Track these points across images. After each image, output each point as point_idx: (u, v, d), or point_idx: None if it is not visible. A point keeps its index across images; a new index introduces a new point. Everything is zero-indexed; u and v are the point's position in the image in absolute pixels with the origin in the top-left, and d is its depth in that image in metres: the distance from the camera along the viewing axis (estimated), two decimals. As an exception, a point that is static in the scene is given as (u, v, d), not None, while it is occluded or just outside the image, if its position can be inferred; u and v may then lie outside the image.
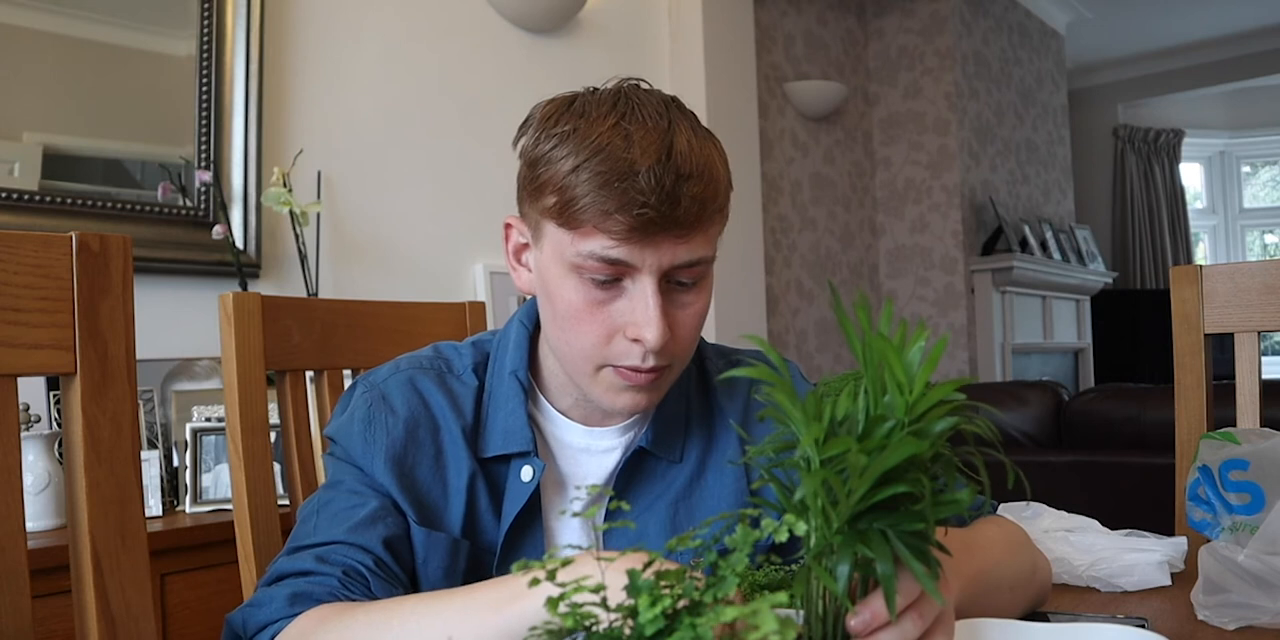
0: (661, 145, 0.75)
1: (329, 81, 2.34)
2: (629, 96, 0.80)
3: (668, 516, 0.88)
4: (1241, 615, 0.82)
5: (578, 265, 0.77)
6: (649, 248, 0.76)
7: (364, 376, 0.89)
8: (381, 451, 0.82)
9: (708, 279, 0.83)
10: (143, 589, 0.80)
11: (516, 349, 0.88)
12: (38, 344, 0.76)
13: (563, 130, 0.78)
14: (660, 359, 0.80)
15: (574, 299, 0.79)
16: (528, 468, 0.84)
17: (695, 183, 0.76)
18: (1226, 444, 1.06)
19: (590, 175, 0.74)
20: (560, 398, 0.89)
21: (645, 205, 0.73)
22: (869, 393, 0.49)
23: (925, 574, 0.46)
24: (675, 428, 0.90)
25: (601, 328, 0.79)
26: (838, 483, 0.45)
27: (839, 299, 0.50)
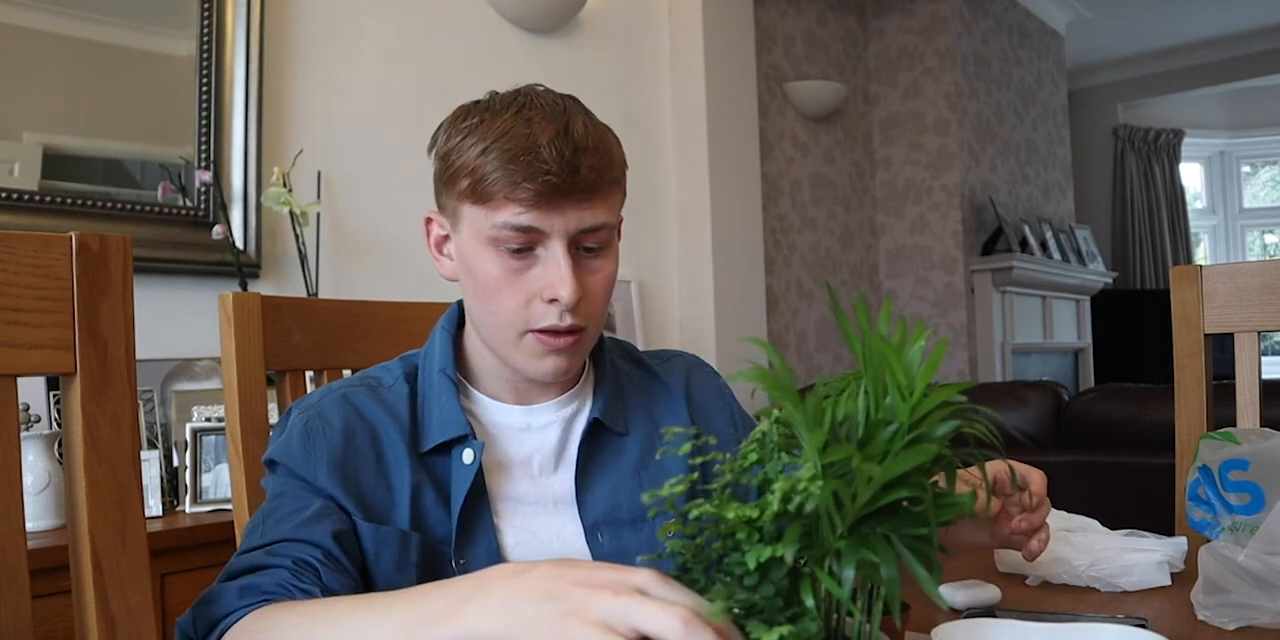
0: (559, 124, 0.84)
1: (329, 81, 2.34)
2: (528, 94, 0.89)
3: (634, 487, 0.94)
4: (1241, 615, 0.82)
5: (493, 237, 0.85)
6: (555, 213, 0.84)
7: (297, 403, 0.92)
8: (322, 459, 0.86)
9: (613, 246, 0.90)
10: (143, 589, 0.80)
11: (442, 350, 0.94)
12: (38, 344, 0.76)
13: (469, 124, 0.86)
14: (576, 318, 0.86)
15: (493, 271, 0.86)
16: (468, 451, 0.88)
17: (591, 155, 0.84)
18: (1226, 444, 1.06)
19: (498, 153, 0.83)
20: (491, 383, 0.94)
21: (549, 173, 0.82)
22: (869, 394, 0.49)
23: (928, 579, 0.45)
24: (617, 401, 0.97)
25: (520, 294, 0.86)
26: (843, 488, 0.45)
27: (836, 299, 0.50)
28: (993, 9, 4.94)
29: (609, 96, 3.07)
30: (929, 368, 0.47)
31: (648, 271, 3.15)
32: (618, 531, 0.92)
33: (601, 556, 0.90)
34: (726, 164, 3.24)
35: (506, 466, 0.92)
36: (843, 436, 0.49)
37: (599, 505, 0.93)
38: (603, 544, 0.91)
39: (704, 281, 3.18)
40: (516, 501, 0.91)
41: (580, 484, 0.93)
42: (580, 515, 0.92)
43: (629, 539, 0.92)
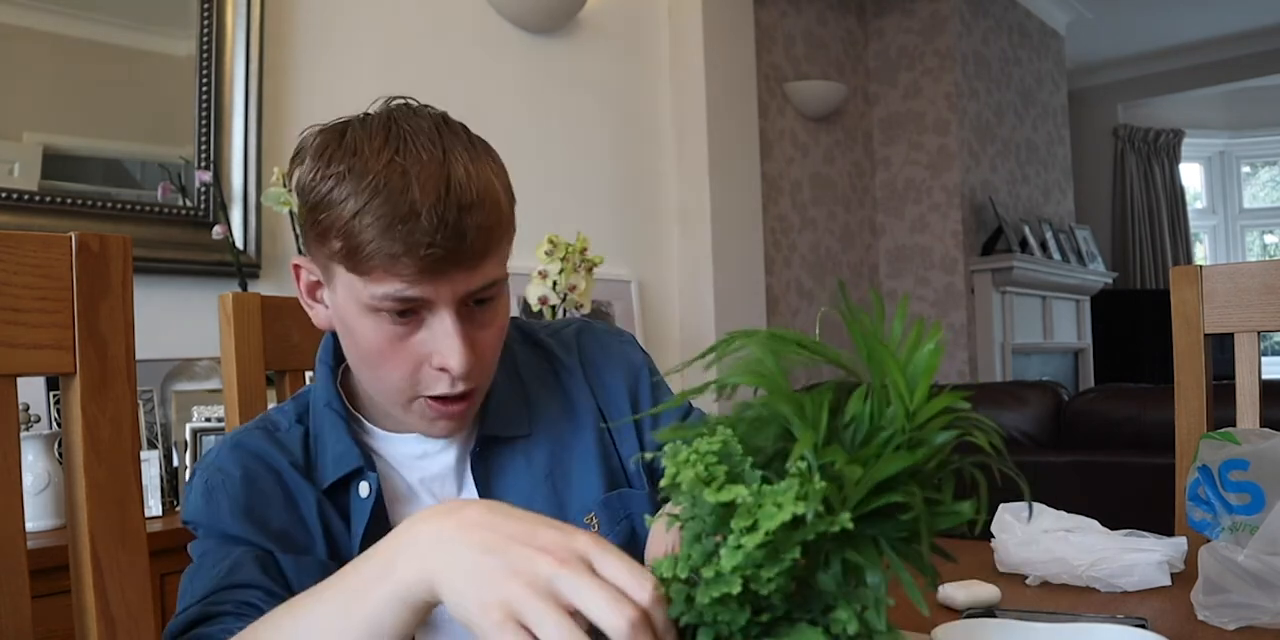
0: (439, 178, 0.75)
1: (329, 81, 2.34)
2: (399, 124, 0.78)
3: (548, 491, 0.90)
4: (1241, 615, 0.82)
5: (373, 306, 0.78)
6: (442, 282, 0.77)
7: (198, 463, 0.89)
8: (226, 509, 0.82)
9: (504, 294, 0.84)
10: (143, 589, 0.80)
11: (324, 386, 0.89)
12: (38, 344, 0.76)
13: (338, 171, 0.76)
14: (469, 382, 0.81)
15: (374, 337, 0.80)
16: (364, 484, 0.85)
17: (478, 212, 0.76)
18: (1226, 444, 1.06)
19: (373, 220, 0.74)
20: (384, 416, 0.90)
21: (432, 245, 0.74)
22: (873, 396, 0.49)
23: (911, 584, 0.45)
24: (512, 405, 0.92)
25: (407, 362, 0.80)
26: (832, 491, 0.45)
27: (847, 298, 0.49)
28: (993, 9, 4.94)
29: (609, 96, 3.07)
30: (927, 373, 0.47)
31: (648, 271, 3.15)
32: None
33: None
34: (726, 164, 3.25)
35: (409, 496, 0.90)
36: (847, 439, 0.49)
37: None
38: None
39: (704, 281, 3.18)
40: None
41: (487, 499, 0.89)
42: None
43: None
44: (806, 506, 0.43)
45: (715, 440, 0.47)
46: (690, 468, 0.46)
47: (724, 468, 0.46)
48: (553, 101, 2.89)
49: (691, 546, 0.46)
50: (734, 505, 0.45)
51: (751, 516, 0.43)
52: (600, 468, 0.92)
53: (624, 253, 3.04)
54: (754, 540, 0.43)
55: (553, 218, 2.74)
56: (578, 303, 2.34)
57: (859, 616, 0.45)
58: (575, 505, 0.90)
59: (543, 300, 2.30)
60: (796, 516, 0.43)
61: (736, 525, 0.44)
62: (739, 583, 0.43)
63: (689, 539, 0.47)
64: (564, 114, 2.92)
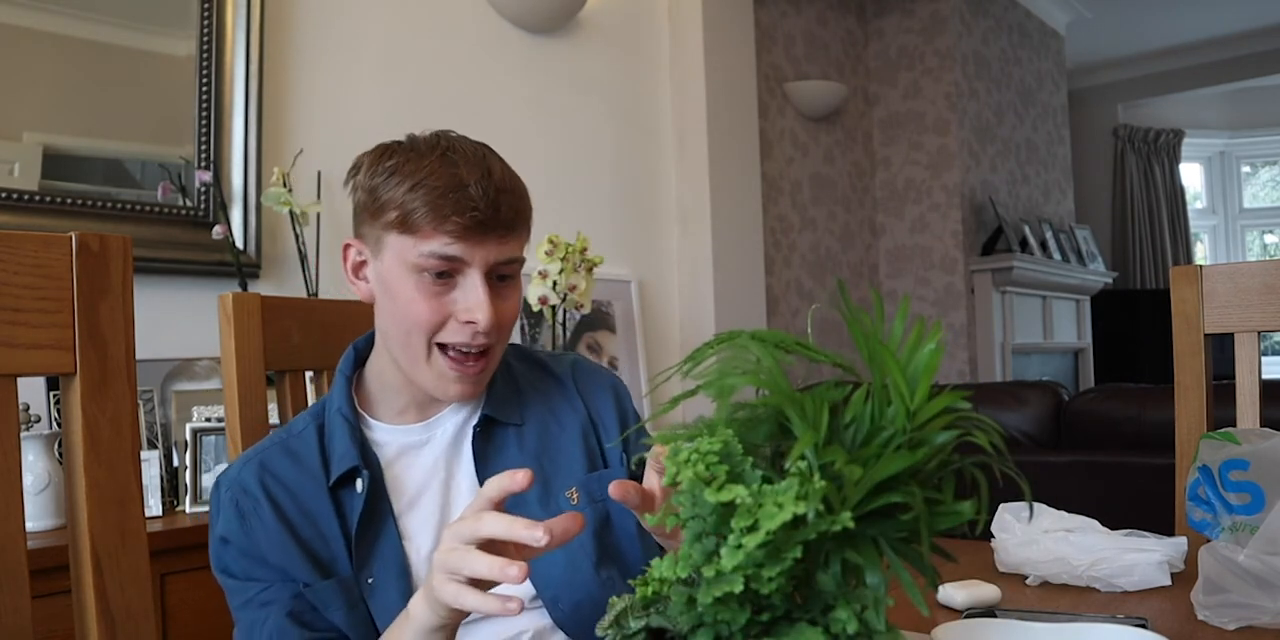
0: (481, 167, 0.93)
1: (329, 81, 2.34)
2: (446, 138, 0.97)
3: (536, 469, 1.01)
4: (1241, 615, 0.82)
5: (419, 264, 0.93)
6: (478, 246, 0.93)
7: (222, 474, 0.99)
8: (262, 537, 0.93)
9: (519, 279, 1.00)
10: (143, 589, 0.80)
11: (340, 393, 1.01)
12: (38, 344, 0.76)
13: (394, 164, 0.94)
14: (488, 338, 0.95)
15: (414, 294, 0.94)
16: (359, 481, 0.96)
17: (511, 196, 0.95)
18: (1226, 444, 1.06)
19: (426, 190, 0.91)
20: (389, 409, 1.03)
21: (475, 209, 0.91)
22: (874, 397, 0.49)
23: (911, 584, 0.45)
24: (508, 399, 1.05)
25: (438, 314, 0.94)
26: (832, 490, 0.45)
27: (847, 298, 0.49)
28: (993, 9, 4.94)
29: (609, 96, 3.07)
30: (927, 373, 0.47)
31: (648, 271, 3.15)
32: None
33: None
34: (726, 164, 3.25)
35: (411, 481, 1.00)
36: (847, 440, 0.49)
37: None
38: None
39: (704, 281, 3.18)
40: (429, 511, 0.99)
41: (481, 477, 1.00)
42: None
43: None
44: (807, 506, 0.43)
45: (716, 440, 0.47)
46: (691, 467, 0.46)
47: (725, 467, 0.46)
48: (553, 101, 2.89)
49: (692, 546, 0.46)
50: (734, 505, 0.45)
51: (752, 516, 0.43)
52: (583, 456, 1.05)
53: (624, 253, 3.04)
54: (755, 540, 0.42)
55: (553, 218, 2.74)
56: (578, 303, 2.34)
57: (858, 616, 0.45)
58: (558, 483, 1.02)
59: (543, 300, 2.30)
60: (797, 516, 0.43)
61: (737, 525, 0.44)
62: (741, 582, 0.43)
63: (689, 539, 0.47)
64: (564, 114, 2.92)
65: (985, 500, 0.52)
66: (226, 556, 0.94)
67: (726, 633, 0.46)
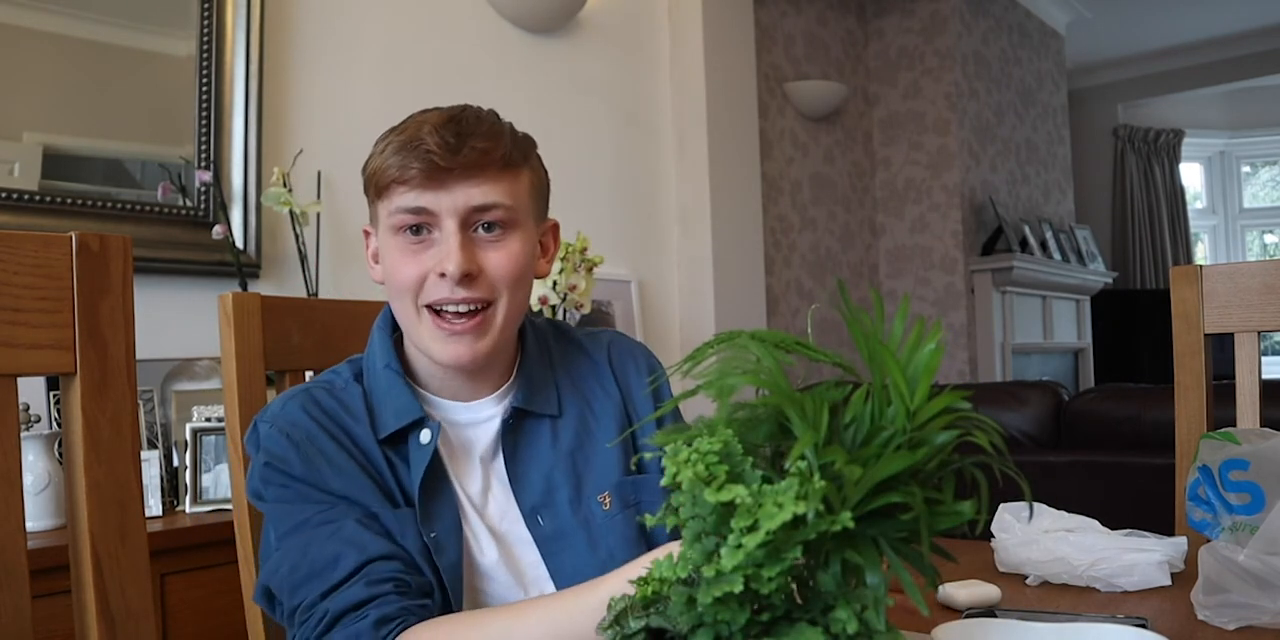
0: (450, 114, 0.90)
1: (329, 81, 2.34)
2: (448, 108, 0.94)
3: (569, 467, 0.97)
4: (1241, 615, 0.82)
5: (393, 225, 0.91)
6: (442, 192, 0.89)
7: (259, 416, 0.94)
8: (323, 462, 0.89)
9: (519, 231, 0.93)
10: (143, 589, 0.80)
11: (382, 348, 0.97)
12: (38, 344, 0.76)
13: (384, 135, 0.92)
14: (469, 290, 0.90)
15: (395, 255, 0.91)
16: (425, 431, 0.92)
17: (478, 138, 0.89)
18: (1226, 444, 1.06)
19: (391, 146, 0.89)
20: (432, 383, 0.98)
21: (430, 152, 0.87)
22: (874, 397, 0.49)
23: (911, 584, 0.45)
24: (544, 385, 1.00)
25: (416, 269, 0.90)
26: (832, 491, 0.45)
27: (847, 298, 0.49)
28: (993, 9, 4.94)
29: (609, 96, 3.07)
30: (927, 373, 0.47)
31: (648, 271, 3.15)
32: (557, 512, 0.96)
33: (542, 538, 0.95)
34: (726, 164, 3.24)
35: (457, 457, 0.97)
36: (848, 440, 0.49)
37: (534, 489, 0.96)
38: (543, 527, 0.95)
39: (704, 281, 3.18)
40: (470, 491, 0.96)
41: (511, 471, 0.96)
42: (517, 500, 0.96)
43: (568, 519, 0.96)
44: (807, 506, 0.43)
45: (716, 440, 0.47)
46: (690, 467, 0.46)
47: (725, 467, 0.46)
48: (553, 101, 2.89)
49: (691, 546, 0.46)
50: (734, 505, 0.45)
51: (752, 516, 0.43)
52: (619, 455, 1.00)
53: (624, 253, 3.04)
54: (754, 540, 0.42)
55: (553, 217, 2.74)
56: (578, 303, 2.34)
57: (858, 616, 0.45)
58: (591, 485, 0.98)
59: (543, 300, 2.30)
60: (797, 516, 0.43)
61: (737, 525, 0.44)
62: (740, 582, 0.43)
63: (689, 538, 0.47)
64: (564, 114, 2.92)
65: (985, 500, 0.52)
66: (274, 480, 0.88)
67: (726, 633, 0.46)
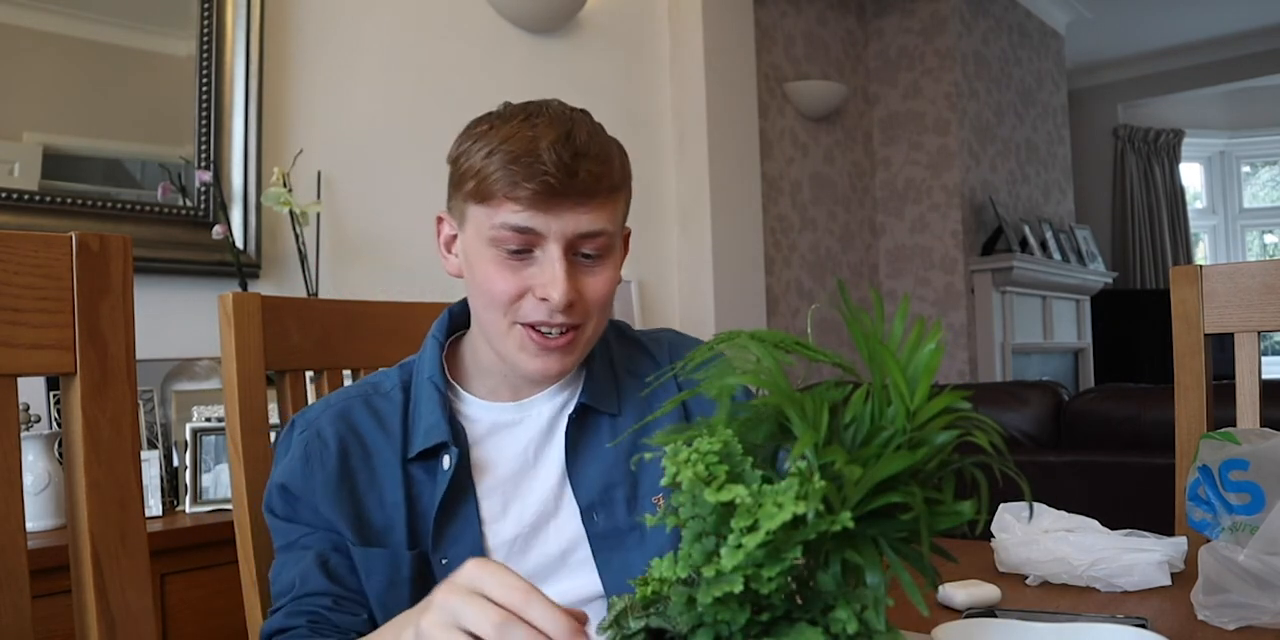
0: (562, 131, 0.87)
1: (329, 81, 2.34)
2: (540, 104, 0.91)
3: (626, 468, 0.96)
4: (1241, 615, 0.82)
5: (494, 237, 0.88)
6: (552, 215, 0.87)
7: (300, 414, 0.97)
8: (321, 483, 0.91)
9: (614, 255, 0.93)
10: (143, 589, 0.80)
11: (431, 359, 0.97)
12: (38, 344, 0.76)
13: (479, 131, 0.90)
14: (569, 316, 0.89)
15: (491, 267, 0.89)
16: (446, 458, 0.92)
17: (591, 161, 0.87)
18: (1226, 444, 1.06)
19: (501, 155, 0.86)
20: (488, 382, 0.98)
21: (546, 174, 0.84)
22: (874, 397, 0.49)
23: (911, 584, 0.45)
24: (606, 385, 0.99)
25: (514, 288, 0.89)
26: (832, 491, 0.45)
27: (847, 298, 0.49)
28: (993, 9, 4.94)
29: (609, 96, 3.07)
30: (927, 373, 0.47)
31: (648, 271, 3.15)
32: (612, 511, 0.95)
33: (597, 536, 0.94)
34: (726, 164, 3.24)
35: (499, 463, 0.96)
36: (848, 440, 0.49)
37: (593, 486, 0.95)
38: (598, 523, 0.94)
39: (704, 281, 3.18)
40: (511, 496, 0.95)
41: (571, 467, 0.95)
42: (575, 497, 0.95)
43: (623, 519, 0.95)
44: (806, 506, 0.43)
45: (716, 440, 0.47)
46: (690, 467, 0.46)
47: (725, 467, 0.46)
48: (553, 101, 2.89)
49: (692, 546, 0.46)
50: (734, 505, 0.45)
51: (752, 516, 0.43)
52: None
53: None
54: (754, 540, 0.43)
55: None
56: (578, 303, 2.34)
57: (858, 616, 0.45)
58: (646, 486, 0.97)
59: (543, 300, 2.30)
60: (797, 516, 0.43)
61: (737, 525, 0.44)
62: (740, 582, 0.43)
63: (689, 538, 0.47)
64: (564, 114, 2.92)
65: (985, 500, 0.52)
66: (279, 499, 0.92)
67: (726, 633, 0.46)
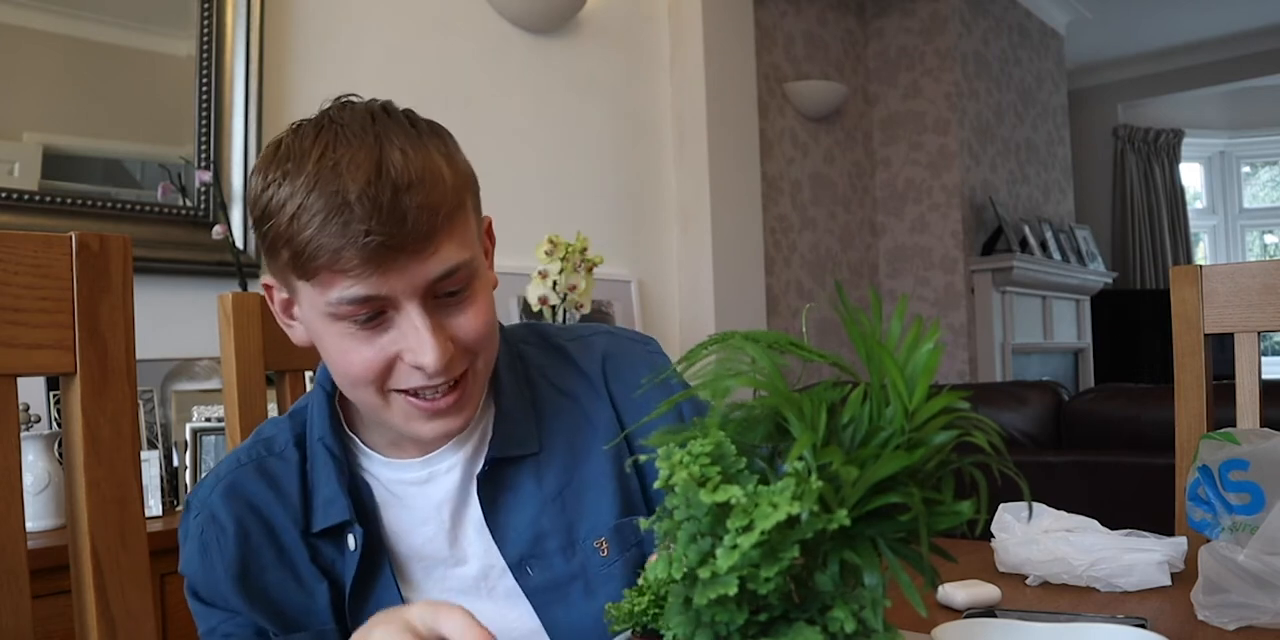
0: (370, 163, 0.70)
1: (329, 82, 2.34)
2: (332, 120, 0.75)
3: (556, 512, 0.86)
4: (1241, 615, 0.82)
5: (333, 314, 0.74)
6: (393, 274, 0.71)
7: (193, 493, 0.86)
8: (223, 576, 0.81)
9: (479, 278, 0.78)
10: (143, 589, 0.80)
11: (319, 415, 0.85)
12: (38, 344, 0.76)
13: (275, 177, 0.73)
14: (450, 373, 0.77)
15: (344, 345, 0.76)
16: (351, 537, 0.82)
17: (417, 191, 0.71)
18: (1226, 444, 1.06)
19: (309, 217, 0.70)
20: (384, 437, 0.86)
21: (369, 232, 0.69)
22: (872, 397, 0.49)
23: (910, 585, 0.45)
24: (520, 419, 0.87)
25: (377, 362, 0.75)
26: (830, 491, 0.45)
27: (845, 298, 0.49)
28: (993, 9, 4.94)
29: (609, 96, 3.07)
30: (926, 373, 0.47)
31: (648, 271, 3.15)
32: (548, 562, 0.85)
33: (534, 590, 0.85)
34: (726, 164, 3.25)
35: (412, 529, 0.86)
36: (846, 440, 0.49)
37: (520, 540, 0.85)
38: (533, 577, 0.85)
39: (704, 281, 3.18)
40: (432, 563, 0.86)
41: (492, 523, 0.85)
42: (503, 554, 0.85)
43: (561, 568, 0.85)
44: (802, 506, 0.43)
45: (708, 441, 0.47)
46: (684, 469, 0.46)
47: (717, 468, 0.46)
48: (553, 101, 2.89)
49: (687, 547, 0.46)
50: (729, 505, 0.45)
51: (747, 516, 0.43)
52: (615, 488, 0.87)
53: (624, 253, 3.04)
54: (750, 540, 0.42)
55: (553, 218, 2.74)
56: (578, 303, 2.34)
57: (856, 616, 0.45)
58: (584, 529, 0.86)
59: (543, 300, 2.30)
60: (792, 516, 0.43)
61: (732, 525, 0.44)
62: (735, 584, 0.43)
63: (684, 540, 0.47)
64: (564, 114, 2.92)
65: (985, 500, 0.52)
66: (190, 583, 0.83)
67: (724, 633, 0.46)
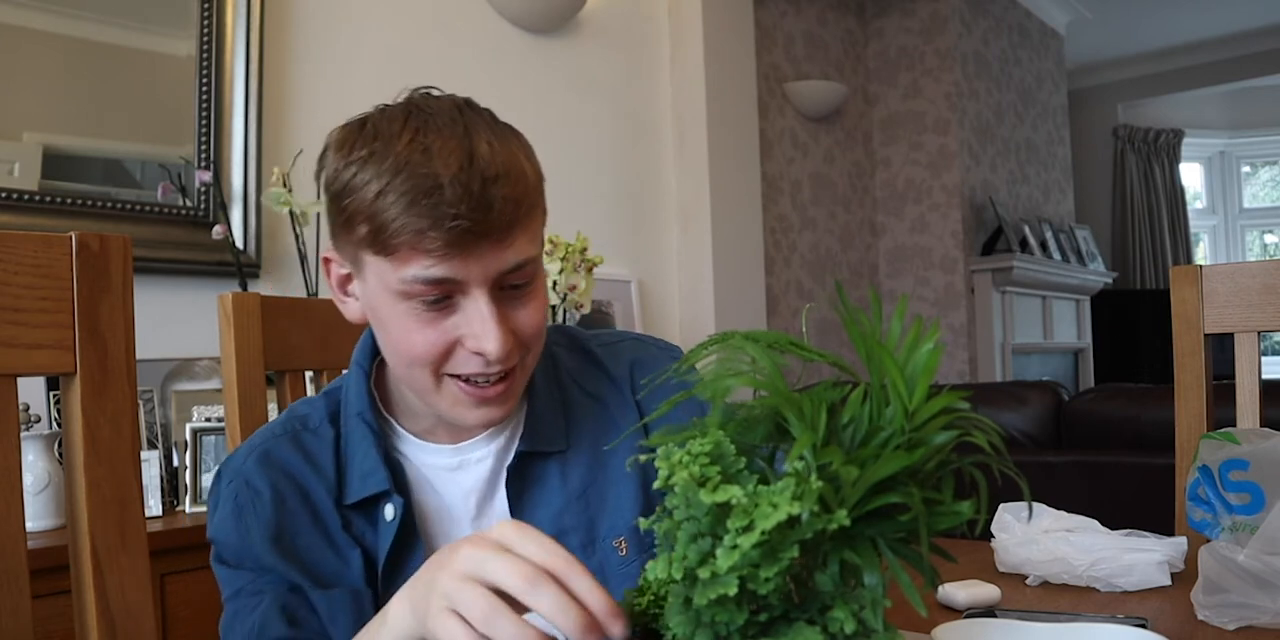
0: (462, 152, 0.73)
1: (329, 81, 2.34)
2: (420, 107, 0.78)
3: (581, 507, 0.87)
4: (1241, 615, 0.82)
5: (404, 292, 0.75)
6: (472, 259, 0.74)
7: (225, 462, 0.87)
8: (259, 536, 0.82)
9: (539, 276, 0.81)
10: (143, 589, 0.80)
11: (358, 392, 0.87)
12: (38, 344, 0.76)
13: (360, 155, 0.75)
14: (507, 362, 0.79)
15: (408, 325, 0.77)
16: (389, 507, 0.83)
17: (503, 184, 0.74)
18: (1226, 444, 1.06)
19: (396, 196, 0.72)
20: (419, 422, 0.88)
21: (458, 217, 0.71)
22: (872, 397, 0.49)
23: (910, 585, 0.45)
24: (551, 417, 0.89)
25: (439, 343, 0.77)
26: (830, 491, 0.45)
27: (845, 298, 0.49)
28: (993, 9, 4.94)
29: (609, 96, 3.07)
30: (926, 373, 0.47)
31: (648, 271, 3.15)
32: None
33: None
34: (726, 164, 3.25)
35: (442, 511, 0.87)
36: (846, 440, 0.49)
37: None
38: None
39: (704, 281, 3.18)
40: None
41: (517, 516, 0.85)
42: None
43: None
44: (802, 506, 0.43)
45: (708, 441, 0.47)
46: (684, 469, 0.46)
47: (717, 468, 0.46)
48: (553, 101, 2.89)
49: (687, 547, 0.46)
50: (729, 505, 0.44)
51: (747, 516, 0.43)
52: (638, 492, 0.88)
53: (624, 253, 3.04)
54: (750, 540, 0.42)
55: (553, 218, 2.73)
56: (577, 303, 2.34)
57: (856, 616, 0.45)
58: (605, 528, 0.87)
59: (543, 300, 2.30)
60: (792, 516, 0.43)
61: (732, 525, 0.44)
62: (735, 584, 0.43)
63: (684, 540, 0.47)
64: (564, 114, 2.92)
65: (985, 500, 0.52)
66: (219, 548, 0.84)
67: (724, 633, 0.46)
